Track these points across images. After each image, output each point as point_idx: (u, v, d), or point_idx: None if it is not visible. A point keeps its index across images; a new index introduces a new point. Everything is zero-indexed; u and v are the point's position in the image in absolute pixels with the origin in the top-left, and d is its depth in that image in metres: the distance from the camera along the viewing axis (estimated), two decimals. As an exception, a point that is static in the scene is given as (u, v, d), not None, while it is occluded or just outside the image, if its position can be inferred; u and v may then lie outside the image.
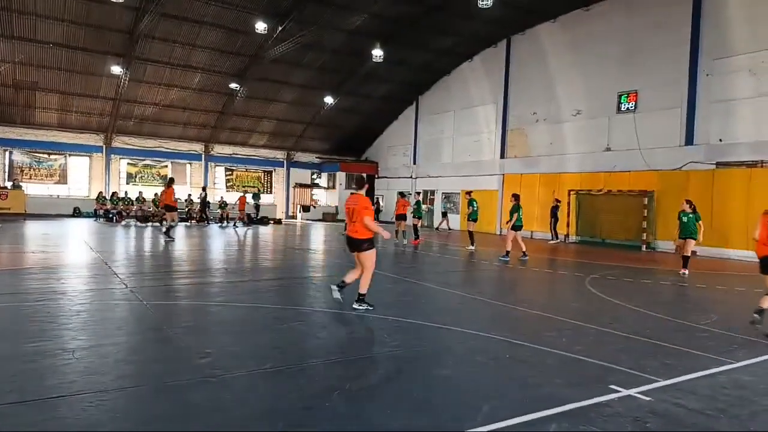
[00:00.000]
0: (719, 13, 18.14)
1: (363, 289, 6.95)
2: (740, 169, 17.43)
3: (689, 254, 12.16)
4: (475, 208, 17.34)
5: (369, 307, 6.86)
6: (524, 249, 13.96)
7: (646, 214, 19.34)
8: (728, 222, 17.18)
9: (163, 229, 16.35)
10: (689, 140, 18.88)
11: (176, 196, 17.08)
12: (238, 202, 26.17)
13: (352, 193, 7.20)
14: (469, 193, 21.30)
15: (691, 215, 12.15)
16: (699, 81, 18.61)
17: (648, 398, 4.13)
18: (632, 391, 4.25)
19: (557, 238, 21.67)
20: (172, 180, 17.74)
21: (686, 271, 11.93)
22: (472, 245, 16.35)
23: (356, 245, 6.90)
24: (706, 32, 18.43)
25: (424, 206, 26.94)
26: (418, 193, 23.83)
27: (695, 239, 12.06)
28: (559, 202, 21.77)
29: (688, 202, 12.50)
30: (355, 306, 6.88)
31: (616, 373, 4.73)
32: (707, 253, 17.79)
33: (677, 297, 9.35)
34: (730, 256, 16.87)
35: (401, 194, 21.75)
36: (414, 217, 18.91)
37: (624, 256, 16.42)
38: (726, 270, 13.70)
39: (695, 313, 7.76)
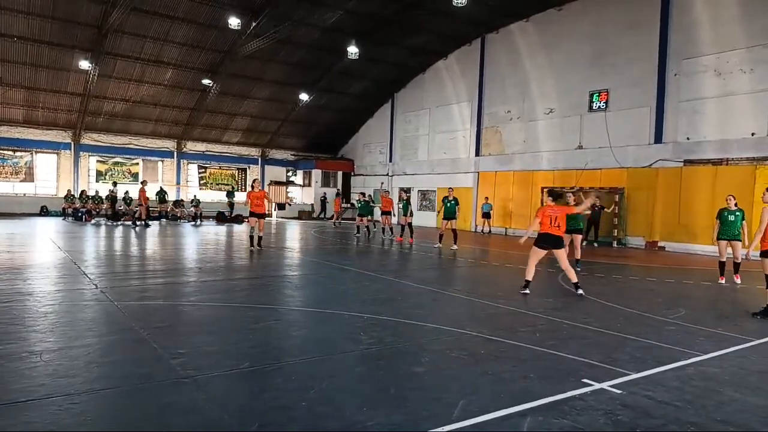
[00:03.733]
0: (687, 14, 18.61)
1: (576, 278, 8.61)
2: (706, 167, 17.94)
3: (740, 260, 10.57)
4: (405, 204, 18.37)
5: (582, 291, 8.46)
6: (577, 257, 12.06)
7: (617, 211, 19.75)
8: (695, 218, 17.68)
9: (254, 240, 14.06)
10: (658, 138, 19.35)
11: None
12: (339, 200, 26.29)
13: (550, 204, 8.71)
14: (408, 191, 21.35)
15: (737, 213, 10.51)
16: (667, 80, 19.08)
17: (619, 391, 4.22)
18: (604, 385, 4.34)
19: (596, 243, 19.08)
20: (254, 181, 15.08)
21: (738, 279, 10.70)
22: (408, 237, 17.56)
23: (561, 243, 8.64)
24: (675, 33, 18.90)
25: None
26: (405, 191, 22.58)
27: (740, 241, 10.41)
28: (602, 206, 18.64)
29: (734, 197, 10.76)
30: (581, 292, 8.42)
31: (588, 367, 4.82)
32: (674, 248, 18.29)
33: (647, 292, 9.58)
34: (696, 251, 17.35)
35: (385, 192, 21.82)
36: (403, 215, 18.71)
37: (595, 252, 16.74)
38: (692, 265, 14.08)
39: (664, 307, 7.96)
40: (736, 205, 10.68)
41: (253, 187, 14.48)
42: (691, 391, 4.31)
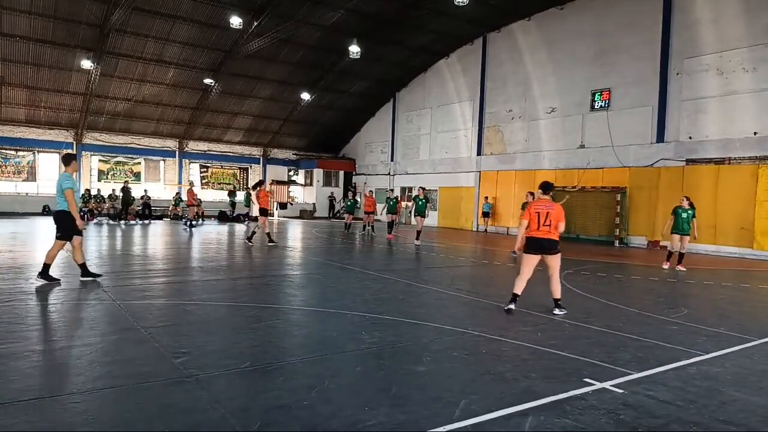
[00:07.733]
0: (688, 13, 18.58)
1: (558, 294, 7.08)
2: (708, 166, 17.90)
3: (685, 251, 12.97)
4: (419, 204, 18.14)
5: (565, 310, 6.98)
6: None
7: (618, 210, 19.74)
8: (697, 218, 17.59)
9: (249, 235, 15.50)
10: (660, 138, 19.32)
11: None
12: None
13: (540, 198, 7.17)
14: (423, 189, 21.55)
15: (690, 211, 12.78)
16: (669, 79, 19.05)
17: (621, 390, 4.22)
18: (606, 384, 4.34)
19: None
20: (261, 182, 16.65)
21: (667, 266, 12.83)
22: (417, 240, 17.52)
23: (551, 246, 6.92)
24: (677, 32, 18.86)
25: (404, 203, 27.43)
26: (392, 190, 23.76)
27: (689, 235, 12.92)
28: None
29: (687, 198, 13.15)
30: (557, 312, 6.97)
31: (590, 366, 4.82)
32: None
33: (649, 291, 9.57)
34: (698, 250, 17.31)
35: (370, 192, 22.85)
36: (388, 212, 19.92)
37: (597, 252, 16.72)
38: (694, 264, 14.05)
39: (666, 306, 7.95)
40: (690, 204, 12.78)
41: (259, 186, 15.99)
42: (693, 391, 4.31)
